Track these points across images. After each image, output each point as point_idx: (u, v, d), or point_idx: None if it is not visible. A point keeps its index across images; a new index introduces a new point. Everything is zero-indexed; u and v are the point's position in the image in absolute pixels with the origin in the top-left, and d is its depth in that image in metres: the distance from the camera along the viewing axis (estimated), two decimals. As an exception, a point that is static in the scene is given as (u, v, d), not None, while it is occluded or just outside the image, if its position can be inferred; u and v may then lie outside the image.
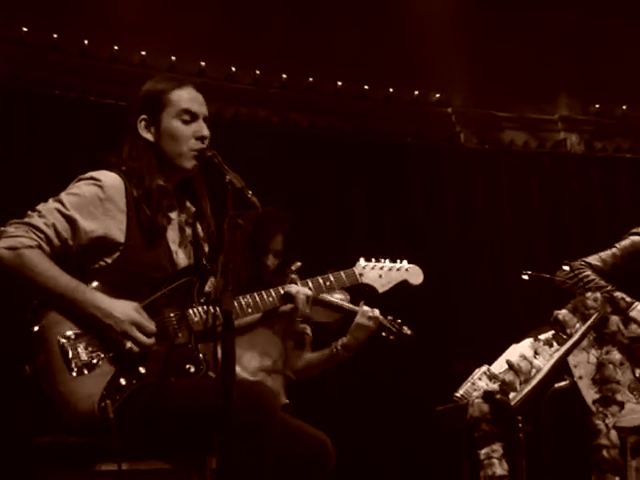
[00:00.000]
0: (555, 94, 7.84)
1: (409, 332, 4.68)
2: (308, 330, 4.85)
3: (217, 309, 2.92)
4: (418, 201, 7.39)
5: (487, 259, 7.39)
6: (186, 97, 3.46)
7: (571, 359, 4.13)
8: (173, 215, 3.48)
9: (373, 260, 3.86)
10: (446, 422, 3.98)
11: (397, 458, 6.60)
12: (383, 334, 4.67)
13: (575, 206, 7.71)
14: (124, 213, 3.33)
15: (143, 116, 3.44)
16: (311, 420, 3.68)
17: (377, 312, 4.62)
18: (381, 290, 3.84)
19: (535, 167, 7.73)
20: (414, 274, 3.92)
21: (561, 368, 3.84)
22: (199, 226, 3.52)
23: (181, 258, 3.46)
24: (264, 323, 4.40)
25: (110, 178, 3.36)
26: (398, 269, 3.89)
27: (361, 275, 3.78)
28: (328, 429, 3.66)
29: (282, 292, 3.56)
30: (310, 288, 3.65)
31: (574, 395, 4.07)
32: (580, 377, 4.01)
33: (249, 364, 4.59)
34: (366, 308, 4.61)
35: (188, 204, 3.55)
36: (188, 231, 3.52)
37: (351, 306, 4.67)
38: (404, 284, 3.93)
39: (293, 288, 3.59)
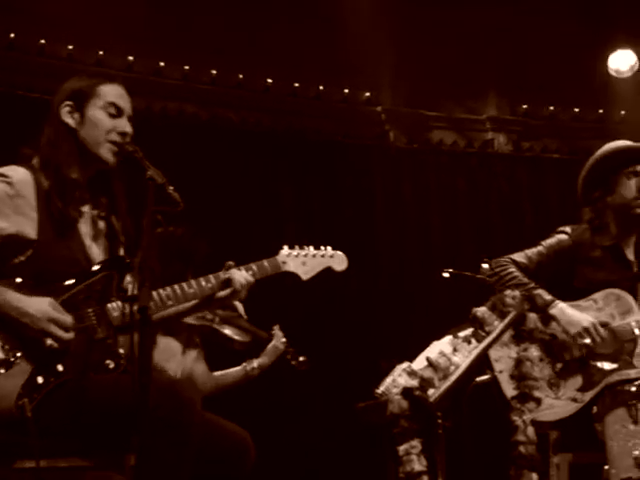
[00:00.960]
0: (483, 94, 7.94)
1: (304, 358, 5.25)
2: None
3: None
4: (347, 199, 7.43)
5: (414, 257, 7.45)
6: (115, 92, 3.45)
7: (492, 353, 4.18)
8: (85, 209, 3.44)
9: (297, 248, 3.84)
10: (367, 419, 4.01)
11: (320, 454, 6.63)
12: (288, 357, 5.19)
13: (502, 206, 7.81)
14: (34, 208, 3.29)
15: (68, 102, 3.41)
16: (232, 417, 3.69)
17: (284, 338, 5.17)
18: (305, 277, 3.81)
19: (463, 167, 7.82)
20: (338, 260, 3.89)
21: (481, 363, 3.89)
22: (114, 219, 3.49)
23: (95, 252, 3.41)
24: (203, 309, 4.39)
25: (19, 173, 3.31)
26: (322, 255, 3.86)
27: (284, 263, 3.74)
28: (249, 426, 3.66)
29: (223, 277, 3.53)
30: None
31: (495, 389, 4.13)
32: (501, 371, 4.06)
33: None
34: (280, 333, 5.12)
35: (101, 198, 3.51)
36: (101, 225, 3.48)
37: (262, 332, 5.10)
38: (328, 271, 3.93)
39: (234, 274, 3.56)
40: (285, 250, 3.76)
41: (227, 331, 4.92)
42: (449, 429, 3.59)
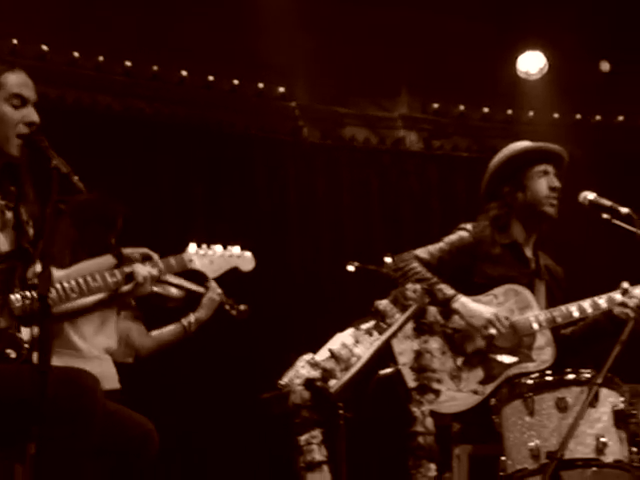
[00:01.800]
0: (395, 92, 8.00)
1: (244, 307, 5.18)
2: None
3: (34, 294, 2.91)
4: (260, 193, 7.46)
5: (326, 252, 7.49)
6: (18, 81, 3.42)
7: (396, 346, 4.26)
8: None
9: (204, 246, 3.88)
10: (271, 409, 4.06)
11: (227, 445, 6.65)
12: (226, 307, 5.12)
13: (413, 203, 7.90)
14: None
15: None
16: (139, 406, 3.70)
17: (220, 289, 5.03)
18: (212, 276, 3.89)
19: (375, 164, 7.89)
20: (245, 261, 3.97)
21: (383, 355, 3.96)
22: (22, 209, 3.48)
23: (1, 242, 3.40)
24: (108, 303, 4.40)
25: None
26: (230, 256, 3.93)
27: (191, 261, 3.79)
28: (156, 417, 3.69)
29: (126, 272, 3.55)
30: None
31: (398, 381, 4.20)
32: (404, 364, 4.14)
33: (99, 345, 4.61)
34: (215, 284, 4.97)
35: (9, 188, 3.50)
36: (9, 215, 3.46)
37: (196, 287, 5.00)
38: (235, 270, 3.98)
39: (137, 267, 3.58)
40: (192, 248, 3.81)
41: (158, 289, 4.81)
42: (350, 419, 3.65)
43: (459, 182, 7.94)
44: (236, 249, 3.96)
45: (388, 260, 4.61)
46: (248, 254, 3.97)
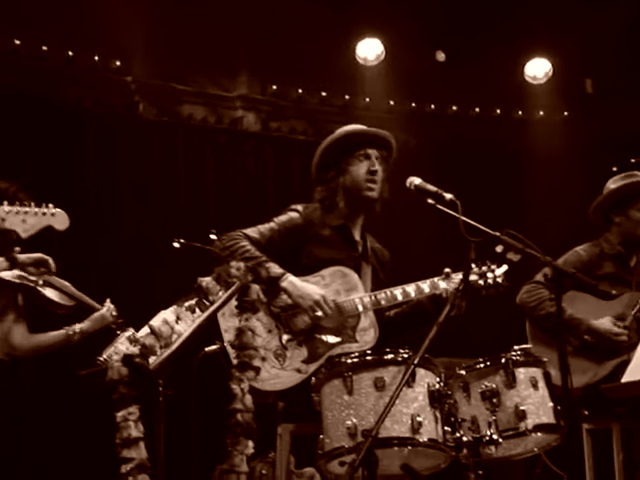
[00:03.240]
0: (235, 72, 7.99)
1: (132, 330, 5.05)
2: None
3: None
4: (92, 169, 7.32)
5: (158, 229, 7.40)
6: None
7: (222, 324, 4.27)
8: None
9: (17, 204, 3.77)
10: (89, 386, 4.00)
11: (46, 422, 6.54)
12: (113, 326, 5.11)
13: (248, 183, 7.92)
14: None
15: None
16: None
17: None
18: (24, 235, 3.76)
19: (212, 143, 7.87)
20: (60, 219, 3.85)
21: (207, 332, 3.95)
22: None
23: None
24: None
25: None
26: (43, 213, 3.81)
27: (3, 220, 3.68)
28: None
29: None
30: None
31: (223, 359, 4.21)
32: (229, 341, 4.15)
33: None
34: (112, 305, 5.13)
35: None
36: None
37: (92, 302, 5.12)
38: (50, 229, 3.88)
39: None
40: (5, 207, 3.69)
41: (49, 294, 4.84)
42: (170, 396, 3.62)
43: (295, 164, 8.00)
44: (50, 207, 3.84)
45: (213, 237, 4.60)
46: (62, 212, 3.85)
